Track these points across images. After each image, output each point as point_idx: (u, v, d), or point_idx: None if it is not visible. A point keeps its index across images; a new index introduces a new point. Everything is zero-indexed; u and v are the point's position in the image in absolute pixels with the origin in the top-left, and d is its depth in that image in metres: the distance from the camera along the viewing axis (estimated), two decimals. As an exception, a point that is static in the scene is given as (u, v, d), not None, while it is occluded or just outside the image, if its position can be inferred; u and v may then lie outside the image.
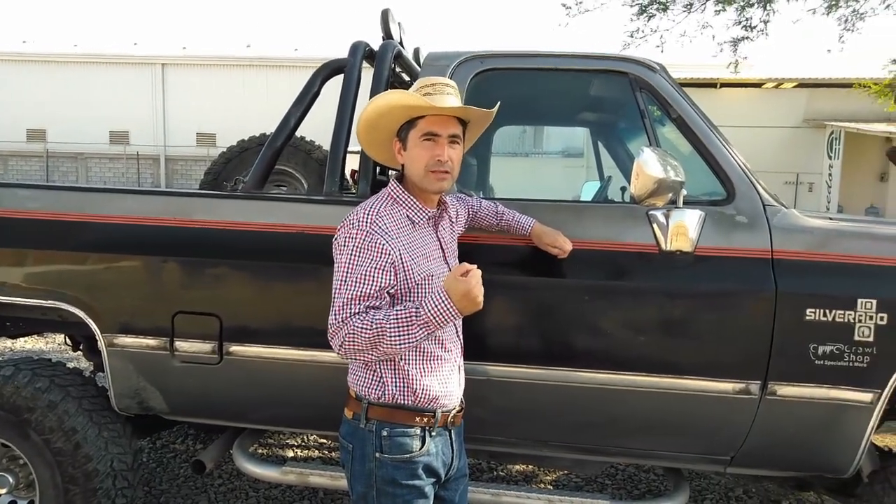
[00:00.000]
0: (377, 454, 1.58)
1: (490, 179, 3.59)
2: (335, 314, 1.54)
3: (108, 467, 2.35)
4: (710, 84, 14.82)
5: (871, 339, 1.99)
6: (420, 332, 1.49)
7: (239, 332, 2.26)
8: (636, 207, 2.12)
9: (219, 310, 2.25)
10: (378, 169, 2.48)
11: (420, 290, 1.60)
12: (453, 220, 1.84)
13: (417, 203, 1.66)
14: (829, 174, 14.74)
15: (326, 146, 3.88)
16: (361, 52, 2.42)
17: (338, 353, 1.55)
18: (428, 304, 1.48)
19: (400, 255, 1.58)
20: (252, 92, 20.97)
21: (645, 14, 6.90)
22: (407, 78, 2.85)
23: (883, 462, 2.29)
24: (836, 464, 2.11)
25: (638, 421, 2.18)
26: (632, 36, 7.38)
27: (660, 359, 2.10)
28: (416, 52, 3.07)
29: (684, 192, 2.04)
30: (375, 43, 2.53)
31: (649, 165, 1.91)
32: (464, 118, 1.69)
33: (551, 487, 3.54)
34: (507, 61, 2.30)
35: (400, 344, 1.49)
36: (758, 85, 15.60)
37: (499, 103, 1.76)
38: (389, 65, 2.39)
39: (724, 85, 14.99)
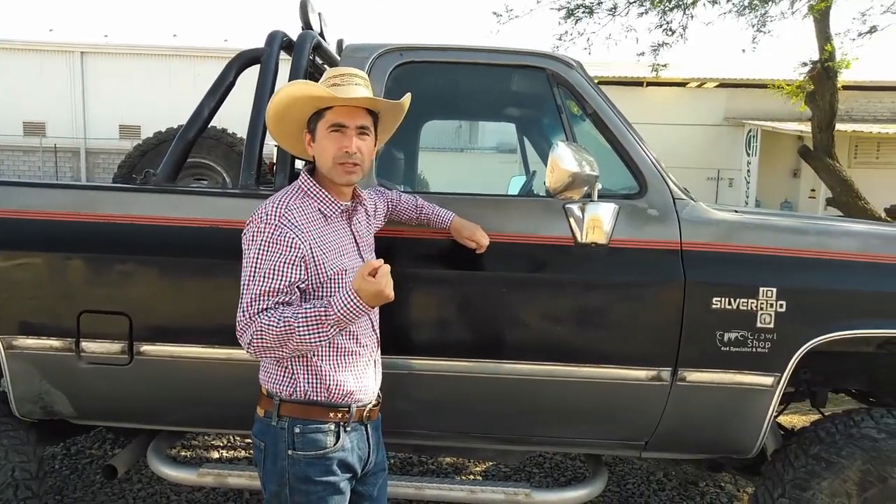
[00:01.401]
0: (290, 451, 1.55)
1: (418, 174, 3.59)
2: (243, 311, 1.50)
3: (9, 477, 2.22)
4: (637, 83, 15.26)
5: (771, 325, 2.09)
6: (330, 329, 1.48)
7: (150, 331, 2.17)
8: (553, 201, 2.15)
9: (128, 308, 2.16)
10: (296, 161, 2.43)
11: (332, 285, 1.57)
12: (370, 213, 1.83)
13: (329, 196, 1.64)
14: (748, 170, 15.44)
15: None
16: (279, 41, 2.37)
17: (247, 351, 1.51)
18: (337, 305, 1.47)
19: (310, 249, 1.55)
20: (179, 83, 20.20)
21: (572, 18, 7.08)
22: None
23: (785, 441, 2.41)
24: (741, 445, 2.22)
25: (557, 410, 2.23)
26: (560, 39, 7.55)
27: (577, 348, 2.15)
28: (340, 44, 3.03)
29: (599, 186, 2.09)
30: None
31: (563, 160, 1.95)
32: (372, 109, 1.67)
33: (481, 479, 3.58)
34: (426, 54, 2.30)
35: (310, 342, 1.47)
36: (682, 84, 16.16)
37: (408, 94, 1.75)
38: (308, 55, 2.34)
39: (650, 84, 15.46)
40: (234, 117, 2.46)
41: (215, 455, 3.71)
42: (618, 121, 2.25)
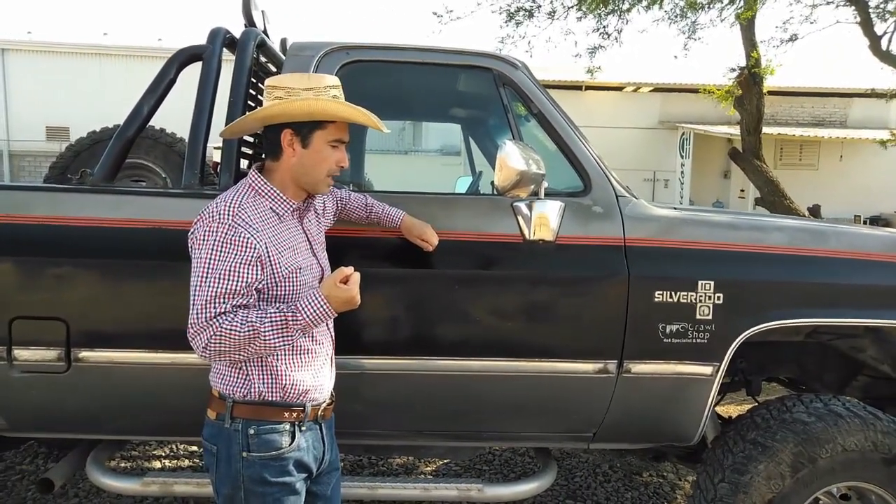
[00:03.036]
0: (244, 453, 1.52)
1: (364, 174, 3.57)
2: (197, 314, 1.46)
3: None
4: (576, 87, 15.61)
5: (710, 317, 2.18)
6: (296, 333, 1.48)
7: (89, 336, 2.09)
8: (502, 199, 2.19)
9: (65, 314, 2.07)
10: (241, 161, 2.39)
11: (288, 284, 1.56)
12: (319, 212, 1.81)
13: (281, 195, 1.62)
14: (682, 172, 15.99)
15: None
16: (221, 38, 2.32)
17: (201, 356, 1.48)
18: (306, 310, 1.47)
19: (266, 248, 1.53)
20: (111, 84, 19.42)
21: (513, 21, 7.22)
22: (273, 68, 2.76)
23: (723, 429, 2.51)
24: (683, 433, 2.31)
25: (507, 405, 2.26)
26: (502, 42, 7.68)
27: (526, 344, 2.18)
28: (283, 42, 2.99)
29: (545, 184, 2.13)
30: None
31: (511, 158, 1.98)
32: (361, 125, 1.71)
33: (431, 478, 3.59)
34: (372, 53, 2.30)
35: (276, 345, 1.46)
36: (619, 89, 16.63)
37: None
38: (252, 53, 2.31)
39: (588, 88, 15.84)
40: (167, 117, 2.37)
41: (157, 465, 3.59)
42: (562, 120, 2.30)
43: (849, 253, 2.28)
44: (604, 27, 7.06)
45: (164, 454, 3.72)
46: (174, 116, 2.38)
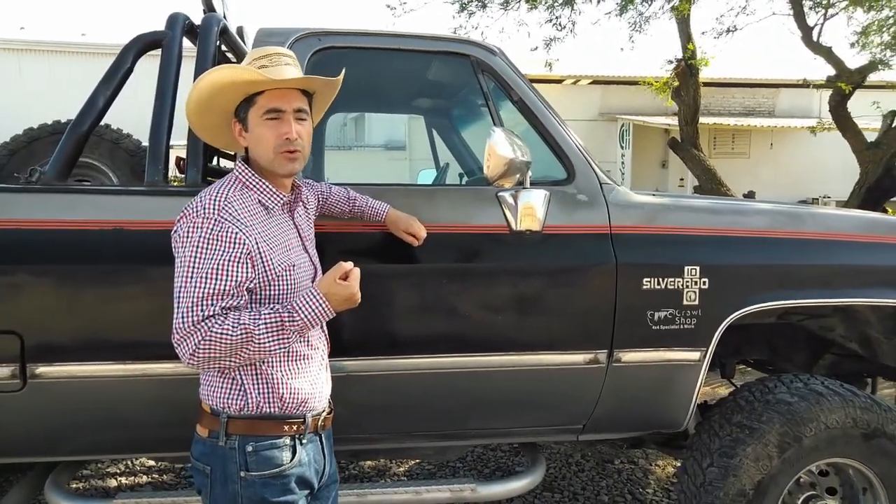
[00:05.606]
0: (242, 473, 1.40)
1: (325, 170, 3.44)
2: (182, 317, 1.32)
3: None
4: (518, 80, 15.71)
5: (696, 302, 2.18)
6: (293, 336, 1.37)
7: (46, 350, 1.90)
8: (486, 189, 2.12)
9: (18, 326, 1.88)
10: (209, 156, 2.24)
11: (282, 283, 1.44)
12: (307, 205, 1.70)
13: (270, 187, 1.49)
14: (622, 162, 16.36)
15: (138, 135, 3.47)
16: (181, 24, 2.16)
17: (188, 363, 1.34)
18: (304, 310, 1.36)
19: (256, 244, 1.41)
20: (31, 80, 18.35)
21: (465, 11, 7.15)
22: (233, 58, 2.61)
23: (705, 414, 2.53)
24: (672, 420, 2.30)
25: (497, 401, 2.20)
26: (455, 33, 7.59)
27: (516, 337, 2.13)
28: (240, 31, 2.83)
29: (529, 172, 2.08)
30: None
31: (500, 146, 1.92)
32: (307, 90, 1.54)
33: (405, 479, 3.50)
34: (346, 39, 2.18)
35: (270, 350, 1.35)
36: (559, 81, 16.85)
37: (344, 70, 1.64)
38: (216, 40, 2.16)
39: (531, 80, 15.99)
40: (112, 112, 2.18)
41: (112, 483, 3.37)
42: (543, 108, 2.25)
43: (824, 234, 2.32)
44: (556, 18, 7.08)
45: (118, 471, 3.50)
46: (117, 110, 2.18)
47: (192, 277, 1.34)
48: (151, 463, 3.52)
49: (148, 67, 2.17)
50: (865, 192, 7.62)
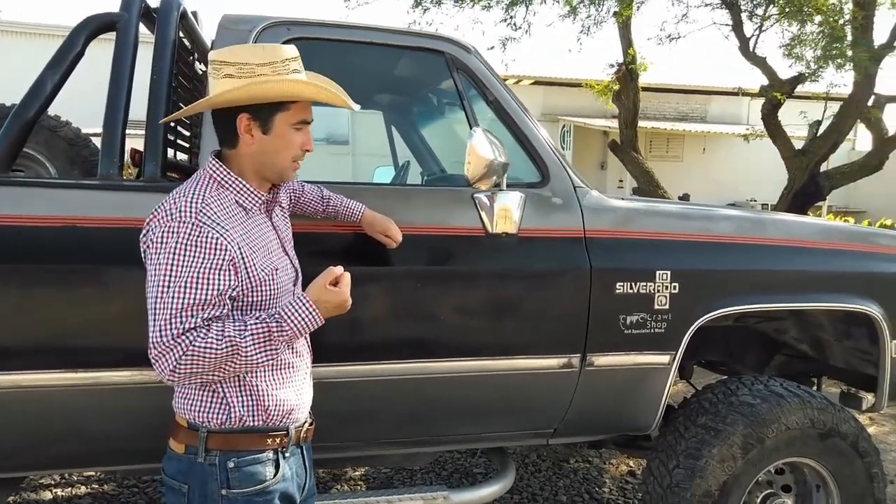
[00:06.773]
0: (223, 490, 1.30)
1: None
2: (160, 331, 1.21)
3: None
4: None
5: (667, 306, 2.20)
6: (281, 346, 1.28)
7: (-12, 358, 1.74)
8: (462, 191, 2.08)
9: (-46, 332, 1.71)
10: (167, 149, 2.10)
11: (265, 288, 1.34)
12: (283, 205, 1.61)
13: (249, 187, 1.39)
14: (563, 163, 16.66)
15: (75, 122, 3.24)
16: (138, 6, 2.01)
17: (167, 380, 1.23)
18: (294, 319, 1.27)
19: (240, 249, 1.31)
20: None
21: (420, 7, 7.06)
22: (188, 44, 2.46)
23: (669, 416, 2.56)
24: (642, 422, 2.32)
25: (469, 406, 2.16)
26: (409, 28, 7.48)
27: (490, 341, 2.09)
28: (195, 15, 2.68)
29: (505, 174, 2.04)
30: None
31: (481, 147, 1.87)
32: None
33: (362, 485, 3.42)
34: (317, 30, 2.08)
35: (258, 362, 1.26)
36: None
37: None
38: (176, 24, 2.03)
39: (474, 79, 16.04)
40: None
41: (47, 496, 3.14)
42: (518, 109, 2.22)
43: (787, 241, 2.39)
44: (511, 17, 7.09)
45: (52, 482, 3.28)
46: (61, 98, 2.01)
47: (168, 287, 1.23)
48: (90, 473, 3.30)
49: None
50: (792, 197, 8.02)
